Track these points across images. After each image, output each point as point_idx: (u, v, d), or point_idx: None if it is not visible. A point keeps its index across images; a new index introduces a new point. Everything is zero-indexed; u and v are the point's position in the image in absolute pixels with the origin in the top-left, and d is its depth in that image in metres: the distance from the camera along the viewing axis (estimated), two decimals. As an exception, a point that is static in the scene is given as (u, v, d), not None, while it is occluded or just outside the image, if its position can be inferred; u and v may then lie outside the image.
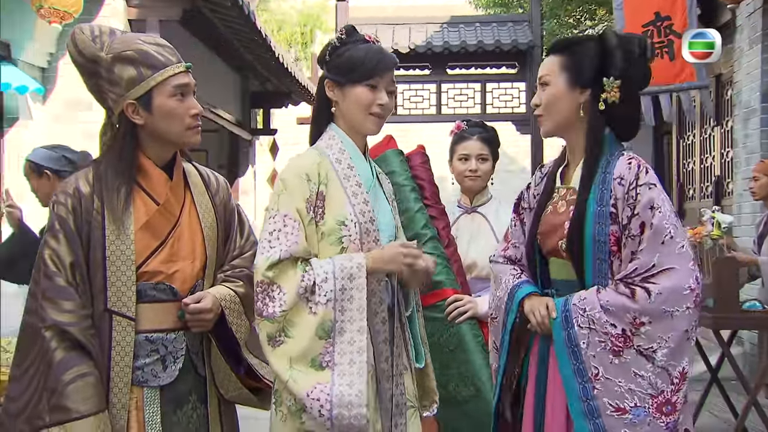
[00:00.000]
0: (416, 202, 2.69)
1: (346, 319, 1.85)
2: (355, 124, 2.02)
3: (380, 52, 2.00)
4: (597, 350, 1.83)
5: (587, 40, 2.02)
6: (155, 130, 1.87)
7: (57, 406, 1.70)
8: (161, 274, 1.87)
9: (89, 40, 1.86)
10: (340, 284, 1.85)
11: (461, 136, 2.87)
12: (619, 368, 1.81)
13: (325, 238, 1.92)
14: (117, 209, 1.81)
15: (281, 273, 1.84)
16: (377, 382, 1.94)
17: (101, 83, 1.87)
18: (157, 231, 1.87)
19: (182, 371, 1.89)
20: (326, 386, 1.79)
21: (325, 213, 1.92)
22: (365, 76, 1.96)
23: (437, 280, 2.57)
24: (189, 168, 2.02)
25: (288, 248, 1.85)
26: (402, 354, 2.04)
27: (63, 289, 1.76)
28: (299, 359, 1.82)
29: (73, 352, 1.74)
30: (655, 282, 1.79)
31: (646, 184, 1.85)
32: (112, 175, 1.85)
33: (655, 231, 1.81)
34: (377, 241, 1.97)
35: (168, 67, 1.86)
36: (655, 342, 1.79)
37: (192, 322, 1.88)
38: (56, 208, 1.82)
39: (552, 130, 2.02)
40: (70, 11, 5.37)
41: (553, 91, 1.97)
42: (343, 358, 1.82)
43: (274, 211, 1.89)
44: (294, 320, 1.83)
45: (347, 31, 2.03)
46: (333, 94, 2.01)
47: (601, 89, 1.94)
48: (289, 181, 1.91)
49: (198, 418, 1.92)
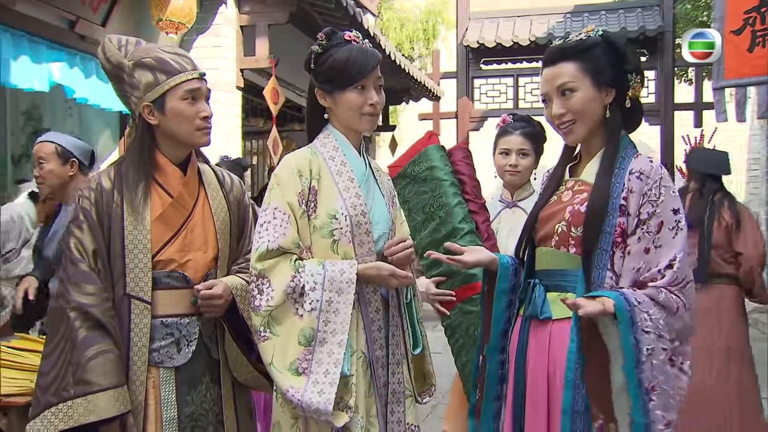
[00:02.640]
0: (455, 197, 2.71)
1: (329, 331, 1.91)
2: (349, 124, 2.08)
3: (361, 52, 2.04)
4: (660, 358, 1.76)
5: (593, 44, 1.96)
6: (168, 130, 2.04)
7: (80, 380, 1.89)
8: (175, 262, 2.03)
9: (115, 48, 2.05)
10: (327, 296, 1.92)
11: (504, 131, 2.85)
12: (670, 378, 1.79)
13: (317, 231, 2.00)
14: (135, 202, 1.99)
15: (272, 267, 1.93)
16: (372, 370, 2.01)
17: (125, 87, 2.06)
18: (170, 223, 2.03)
19: (195, 354, 2.04)
20: (298, 391, 1.87)
21: (318, 207, 2.00)
22: (352, 81, 2.02)
23: (472, 273, 2.58)
24: (204, 168, 2.18)
25: (276, 239, 1.93)
26: (400, 343, 2.09)
27: (86, 274, 1.95)
28: (278, 359, 1.90)
29: (95, 331, 1.92)
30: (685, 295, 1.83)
31: (669, 187, 1.87)
32: (132, 171, 2.03)
33: (682, 237, 1.85)
34: (368, 233, 2.03)
35: (181, 74, 2.02)
36: (682, 355, 1.84)
37: (204, 307, 2.03)
38: (81, 201, 2.02)
39: (584, 135, 1.98)
40: (184, 22, 5.79)
41: (583, 96, 1.93)
42: (319, 367, 1.89)
43: (266, 204, 1.99)
44: (280, 318, 1.92)
45: (327, 35, 2.08)
46: (325, 101, 2.09)
47: (627, 87, 1.94)
48: (282, 177, 2.01)
49: (211, 398, 2.07)
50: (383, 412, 2.02)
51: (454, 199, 2.70)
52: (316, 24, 6.99)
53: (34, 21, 5.01)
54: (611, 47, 1.94)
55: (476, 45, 9.51)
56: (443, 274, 2.67)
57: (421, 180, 2.77)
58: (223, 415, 2.09)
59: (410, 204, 2.79)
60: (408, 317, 2.11)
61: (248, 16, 6.50)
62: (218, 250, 2.10)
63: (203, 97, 2.06)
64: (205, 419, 2.05)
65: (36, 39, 5.06)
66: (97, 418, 1.87)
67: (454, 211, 2.68)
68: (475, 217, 2.71)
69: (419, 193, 2.77)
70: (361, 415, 1.94)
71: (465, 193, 2.74)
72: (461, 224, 2.66)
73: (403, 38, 12.84)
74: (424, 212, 2.75)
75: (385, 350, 2.05)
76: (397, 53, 8.48)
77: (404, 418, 2.06)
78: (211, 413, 2.06)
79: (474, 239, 2.62)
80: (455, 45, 11.46)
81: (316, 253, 2.01)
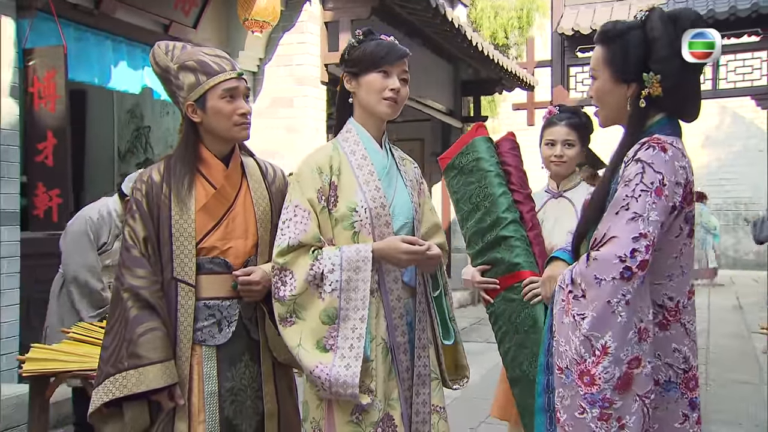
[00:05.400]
0: (500, 187, 2.74)
1: (351, 308, 2.03)
2: (370, 108, 2.18)
3: (391, 44, 2.16)
4: (558, 308, 1.80)
5: (631, 29, 1.89)
6: (209, 126, 2.21)
7: (133, 354, 2.09)
8: (217, 249, 2.19)
9: (163, 53, 2.24)
10: (346, 275, 2.03)
11: (550, 122, 2.86)
12: (563, 328, 1.77)
13: (339, 224, 2.11)
14: (181, 193, 2.17)
15: (293, 259, 2.06)
16: (393, 355, 2.10)
17: (173, 88, 2.24)
18: (213, 213, 2.20)
19: (235, 334, 2.20)
20: (326, 366, 1.99)
21: (338, 201, 2.12)
22: (376, 64, 2.13)
23: (515, 262, 2.62)
24: (248, 161, 2.33)
25: (296, 236, 2.07)
26: (426, 329, 2.17)
27: (137, 259, 2.15)
28: (307, 339, 2.03)
29: (144, 311, 2.11)
30: (598, 250, 1.72)
31: (634, 159, 1.75)
32: (179, 164, 2.21)
33: (614, 202, 1.73)
34: (388, 225, 2.12)
35: (220, 74, 2.18)
36: (585, 309, 1.71)
37: (243, 292, 2.19)
38: (134, 193, 2.22)
39: (606, 121, 1.97)
40: (269, 20, 6.04)
41: (600, 86, 1.91)
42: (345, 342, 2.01)
43: (287, 202, 2.14)
44: (305, 304, 2.05)
45: (364, 32, 2.21)
46: (350, 85, 2.20)
47: (644, 84, 1.84)
48: (303, 174, 2.15)
49: (250, 375, 2.23)
50: (406, 396, 2.11)
51: (499, 189, 2.73)
52: (400, 16, 7.10)
53: (132, 27, 5.38)
54: (643, 36, 1.84)
55: (571, 32, 9.28)
56: (488, 263, 2.72)
57: (468, 171, 2.82)
58: (263, 390, 2.24)
59: (458, 195, 2.85)
60: (437, 311, 2.18)
61: (332, 12, 6.69)
62: (258, 237, 2.25)
63: (241, 95, 2.21)
64: (244, 394, 2.20)
65: (133, 44, 5.44)
66: (147, 388, 2.06)
67: (498, 201, 2.72)
68: (520, 207, 2.73)
69: (466, 184, 2.83)
70: (379, 398, 2.04)
71: (511, 184, 2.77)
72: (505, 214, 2.69)
73: (498, 27, 12.72)
74: (471, 202, 2.80)
75: (408, 335, 2.14)
76: (485, 44, 8.45)
77: (429, 400, 2.14)
78: (250, 389, 2.22)
79: (518, 228, 2.65)
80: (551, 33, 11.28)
81: (339, 245, 2.11)
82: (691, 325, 1.78)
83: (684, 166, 1.77)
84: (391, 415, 2.05)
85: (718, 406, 5.25)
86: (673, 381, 1.74)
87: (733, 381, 6.05)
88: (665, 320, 1.75)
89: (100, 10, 5.05)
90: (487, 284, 2.69)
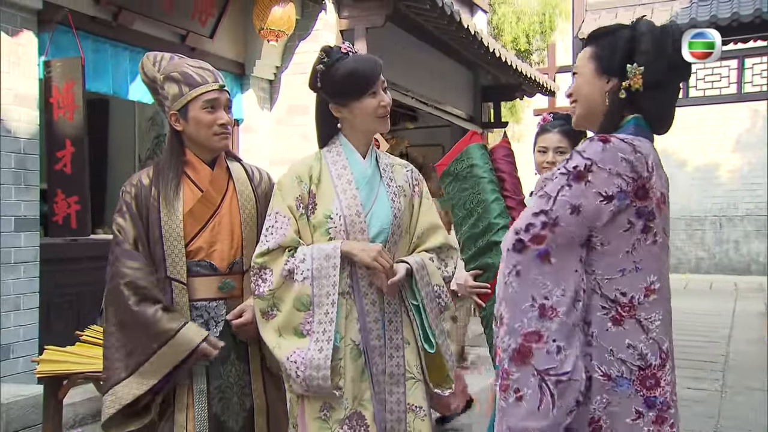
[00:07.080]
0: (492, 193, 2.79)
1: (323, 294, 2.11)
2: (364, 127, 2.26)
3: (364, 60, 2.21)
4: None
5: (621, 29, 1.92)
6: (191, 135, 2.31)
7: (156, 333, 2.16)
8: (203, 251, 2.28)
9: (151, 64, 2.34)
10: (317, 263, 2.12)
11: (543, 129, 2.90)
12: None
13: (317, 230, 2.20)
14: (169, 195, 2.27)
15: (271, 259, 2.16)
16: (366, 357, 2.16)
17: (159, 98, 2.35)
18: (199, 217, 2.29)
19: (223, 333, 2.29)
20: (302, 350, 2.09)
21: (317, 208, 2.20)
22: (363, 89, 2.18)
23: (505, 267, 2.67)
24: (234, 165, 2.42)
25: (276, 240, 2.17)
26: (399, 329, 2.22)
27: (129, 252, 2.23)
28: (285, 328, 2.13)
29: (147, 300, 2.19)
30: None
31: (566, 162, 1.75)
32: (167, 168, 2.31)
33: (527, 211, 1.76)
34: (363, 232, 2.19)
35: (202, 86, 2.27)
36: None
37: (238, 331, 2.29)
38: (123, 195, 2.32)
39: (578, 120, 1.98)
40: (284, 29, 6.13)
41: (581, 80, 1.93)
42: (319, 327, 2.10)
43: (270, 209, 2.23)
44: (283, 296, 2.15)
45: (326, 52, 2.22)
46: (340, 113, 2.25)
47: (626, 76, 1.85)
48: (284, 184, 2.24)
49: (236, 373, 2.31)
50: (381, 398, 2.17)
51: (491, 196, 2.78)
52: (415, 23, 7.15)
53: (149, 38, 5.50)
54: (631, 34, 1.87)
55: (591, 38, 9.22)
56: (480, 268, 2.76)
57: (462, 177, 2.88)
58: (251, 387, 2.32)
59: (453, 201, 2.91)
60: (417, 320, 2.24)
61: (347, 21, 6.77)
62: (243, 240, 2.33)
63: (222, 106, 2.30)
64: (231, 391, 2.29)
65: (150, 54, 5.56)
66: (193, 345, 2.16)
67: (491, 207, 2.76)
68: (513, 213, 2.77)
69: (461, 190, 2.88)
70: (347, 397, 2.10)
71: (504, 190, 2.82)
72: (497, 219, 2.73)
73: (519, 32, 12.71)
74: (465, 208, 2.85)
75: (383, 339, 2.20)
76: (503, 50, 8.45)
77: (404, 399, 2.19)
78: (236, 386, 2.31)
79: (508, 234, 2.70)
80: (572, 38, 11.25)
81: None
82: (651, 323, 1.74)
83: (632, 160, 1.73)
84: (362, 414, 2.11)
85: (732, 413, 5.20)
86: (626, 377, 1.72)
87: (750, 389, 5.97)
88: (618, 315, 1.74)
89: (118, 22, 5.18)
90: (479, 289, 2.74)
